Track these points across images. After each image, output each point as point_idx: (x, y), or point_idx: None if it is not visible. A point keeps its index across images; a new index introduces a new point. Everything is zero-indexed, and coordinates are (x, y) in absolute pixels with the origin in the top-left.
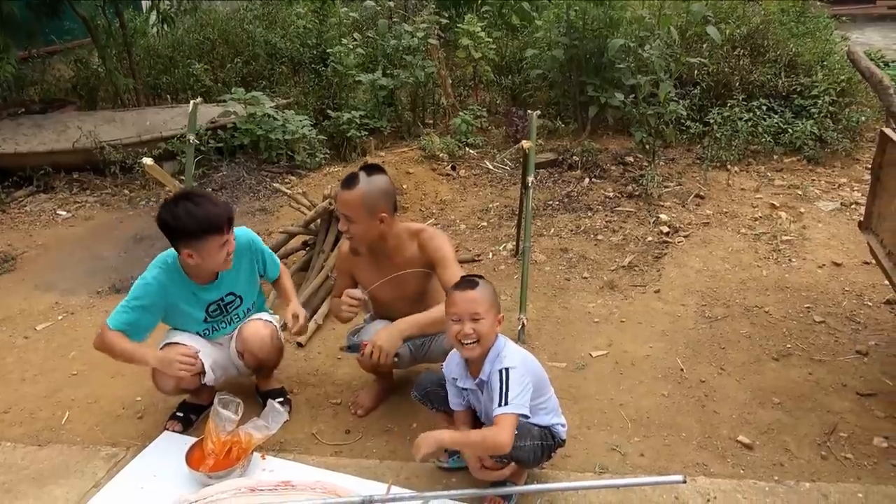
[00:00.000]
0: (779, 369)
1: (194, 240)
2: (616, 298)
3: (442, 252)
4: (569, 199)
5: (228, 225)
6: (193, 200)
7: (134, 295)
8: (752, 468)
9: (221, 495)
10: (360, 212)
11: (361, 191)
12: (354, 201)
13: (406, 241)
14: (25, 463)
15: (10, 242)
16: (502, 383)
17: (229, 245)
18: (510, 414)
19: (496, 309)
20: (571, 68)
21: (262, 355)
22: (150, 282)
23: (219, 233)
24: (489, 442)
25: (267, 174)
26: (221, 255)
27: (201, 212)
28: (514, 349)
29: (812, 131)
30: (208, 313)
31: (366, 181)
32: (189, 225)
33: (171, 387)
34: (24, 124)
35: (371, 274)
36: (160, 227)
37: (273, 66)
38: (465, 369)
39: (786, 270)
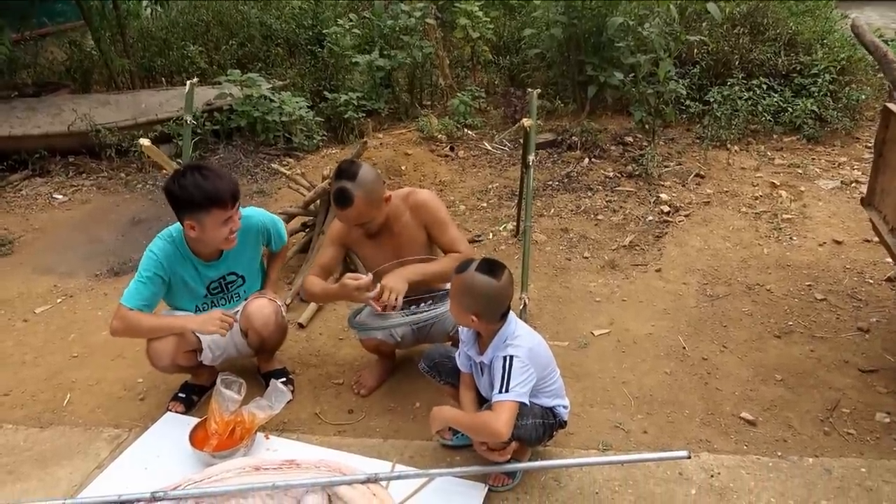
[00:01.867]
0: (781, 347)
1: (197, 211)
2: (617, 278)
3: (436, 215)
4: (568, 180)
5: (233, 201)
6: (202, 172)
7: (142, 268)
8: (756, 444)
9: (226, 474)
10: (370, 212)
11: (361, 195)
12: (361, 210)
13: (399, 207)
14: (28, 445)
15: (6, 226)
16: (504, 370)
17: (233, 223)
18: (509, 401)
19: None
20: (570, 48)
21: (266, 333)
22: (156, 252)
23: (222, 206)
24: (487, 428)
25: (264, 156)
26: (223, 231)
27: (208, 184)
28: (524, 336)
29: (812, 110)
30: (209, 290)
31: (356, 185)
32: (194, 195)
33: (167, 363)
34: (17, 107)
35: (371, 247)
36: (166, 196)
37: (268, 48)
38: (475, 339)
39: (787, 249)
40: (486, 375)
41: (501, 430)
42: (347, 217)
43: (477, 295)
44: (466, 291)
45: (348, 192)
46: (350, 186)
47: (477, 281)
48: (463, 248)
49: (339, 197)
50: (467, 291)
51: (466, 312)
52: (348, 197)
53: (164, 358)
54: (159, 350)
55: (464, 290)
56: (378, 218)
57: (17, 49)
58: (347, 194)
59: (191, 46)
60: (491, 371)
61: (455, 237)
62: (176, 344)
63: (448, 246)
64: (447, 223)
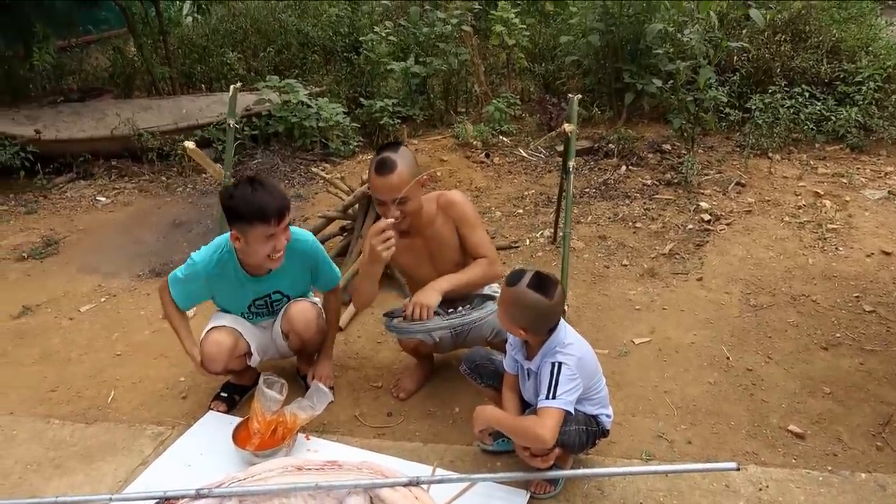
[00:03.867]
0: (828, 359)
1: (242, 223)
2: (657, 286)
3: (465, 213)
4: (606, 187)
5: (278, 218)
6: (253, 185)
7: (184, 272)
8: (805, 458)
9: (269, 473)
10: (411, 186)
11: (403, 165)
12: (403, 179)
13: (431, 209)
14: (74, 440)
15: (52, 227)
16: (552, 377)
17: (276, 240)
18: (555, 408)
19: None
20: (607, 55)
21: (308, 336)
22: (199, 268)
23: (265, 222)
24: (531, 433)
25: (301, 161)
26: (265, 247)
27: (255, 198)
28: (575, 345)
29: (856, 118)
30: (253, 305)
31: (399, 156)
32: (239, 207)
33: (220, 368)
34: (63, 112)
35: (406, 255)
36: (221, 203)
37: (305, 55)
38: (522, 344)
39: (832, 259)
40: (532, 381)
41: (546, 437)
42: (389, 185)
43: (527, 311)
44: (516, 306)
45: (391, 158)
46: (392, 155)
47: (528, 297)
48: (488, 253)
49: (383, 162)
50: (517, 306)
51: (515, 324)
52: (392, 161)
53: (218, 364)
54: (213, 355)
55: (513, 304)
56: (420, 203)
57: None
58: (390, 160)
59: (230, 53)
60: (538, 377)
61: (481, 240)
62: (230, 350)
63: (474, 248)
64: (476, 225)
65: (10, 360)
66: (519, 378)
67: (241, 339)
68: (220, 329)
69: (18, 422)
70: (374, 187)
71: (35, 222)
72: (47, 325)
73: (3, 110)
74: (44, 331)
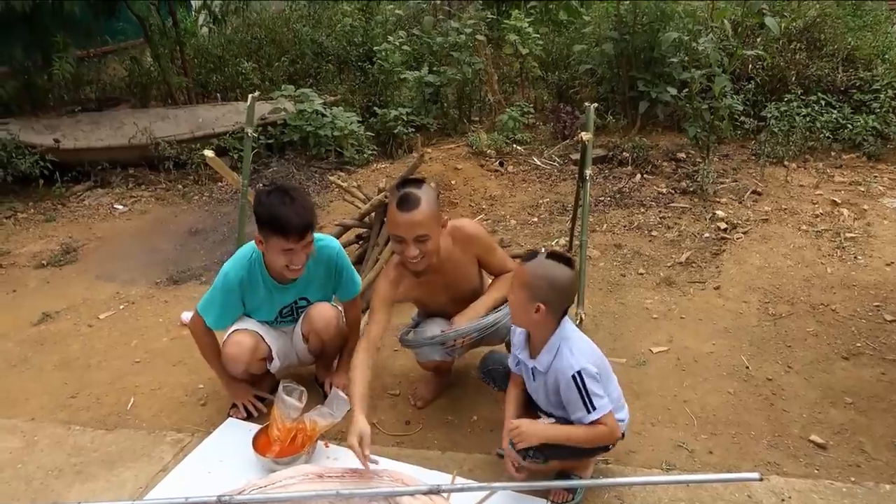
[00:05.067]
0: (849, 368)
1: (264, 231)
2: (674, 294)
3: (487, 244)
4: (620, 195)
5: (298, 236)
6: (283, 197)
7: (221, 287)
8: (827, 468)
9: (290, 480)
10: (433, 224)
11: (426, 202)
12: (427, 217)
13: (448, 244)
14: (95, 446)
15: (70, 234)
16: (580, 390)
17: (294, 255)
18: (605, 415)
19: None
20: (621, 63)
21: (327, 336)
22: (231, 277)
23: (283, 236)
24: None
25: (316, 170)
26: (282, 259)
27: (279, 210)
28: (578, 342)
29: (874, 126)
30: (280, 314)
31: (422, 192)
32: (264, 215)
33: (241, 370)
34: (81, 121)
35: (424, 291)
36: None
37: (319, 65)
38: (526, 341)
39: (851, 268)
40: (541, 382)
41: (615, 431)
42: (411, 222)
43: (549, 281)
44: (537, 277)
45: (415, 194)
46: (416, 191)
47: (549, 267)
48: (511, 266)
49: (406, 198)
50: (538, 277)
51: (532, 302)
52: (415, 197)
53: (239, 365)
54: (235, 356)
55: (534, 276)
56: (436, 241)
57: (81, 66)
58: (414, 195)
59: (245, 63)
60: (557, 387)
61: (502, 258)
62: (251, 351)
63: (498, 268)
64: (495, 248)
65: (30, 367)
66: (525, 377)
67: (262, 341)
68: (241, 331)
69: (40, 428)
70: (395, 224)
71: (54, 230)
72: (67, 331)
73: (23, 120)
74: (63, 338)
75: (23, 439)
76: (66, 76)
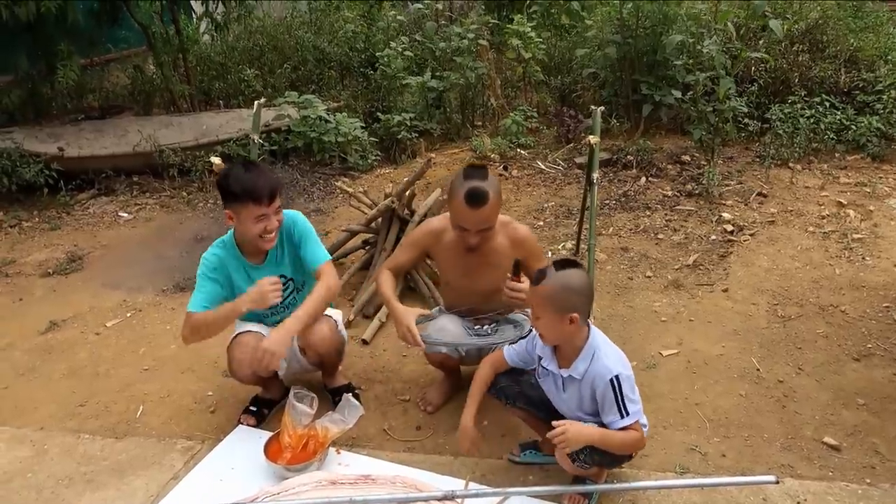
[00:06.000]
0: (860, 370)
1: (235, 202)
2: (682, 297)
3: (535, 250)
4: (626, 199)
5: (269, 198)
6: (247, 167)
7: (199, 272)
8: (841, 470)
9: (303, 487)
10: (497, 213)
11: (493, 195)
12: (494, 210)
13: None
14: (104, 454)
15: (76, 243)
16: (616, 394)
17: (267, 221)
18: (636, 422)
19: (558, 308)
20: (624, 67)
21: (323, 350)
22: (209, 257)
23: (256, 202)
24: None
25: (320, 176)
26: (257, 227)
27: (247, 178)
28: (611, 349)
29: (877, 127)
30: None
31: (489, 185)
32: (231, 186)
33: (247, 373)
34: (85, 129)
35: (453, 258)
36: (217, 184)
37: (321, 71)
38: (553, 353)
39: (860, 269)
40: (575, 390)
41: (643, 437)
42: (482, 218)
43: (572, 290)
44: (559, 291)
45: (484, 189)
46: (485, 185)
47: (566, 277)
48: None
49: (478, 195)
50: (560, 291)
51: (565, 316)
52: (485, 193)
53: (245, 368)
54: (241, 359)
55: (556, 292)
56: (494, 226)
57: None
58: (483, 191)
59: (247, 70)
60: (593, 393)
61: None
62: None
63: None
64: (541, 256)
65: (38, 375)
66: (550, 387)
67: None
68: (245, 333)
69: (49, 436)
70: (465, 220)
71: (59, 238)
72: (74, 340)
73: (27, 128)
74: (71, 346)
75: (32, 448)
76: (69, 84)
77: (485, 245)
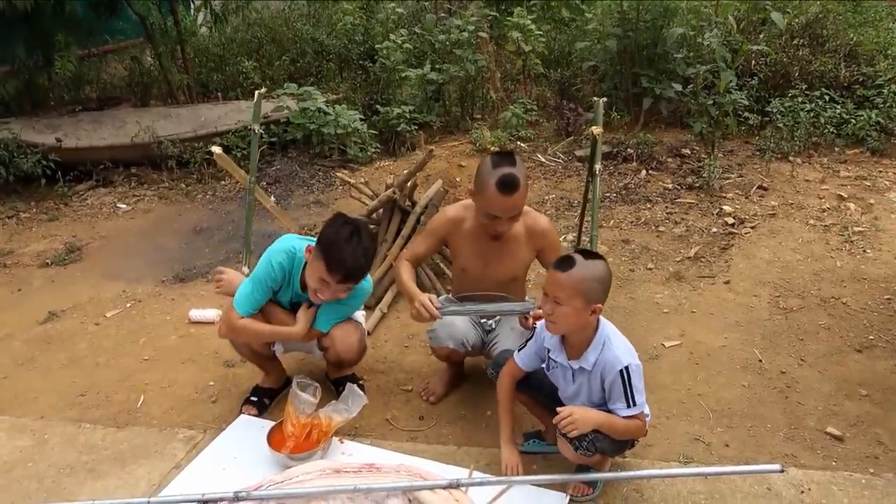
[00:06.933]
0: (863, 361)
1: (317, 250)
2: (684, 289)
3: (555, 243)
4: (626, 191)
5: (340, 278)
6: (351, 234)
7: (259, 272)
8: (845, 460)
9: (307, 476)
10: (525, 195)
11: (523, 180)
12: (524, 195)
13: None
14: (106, 444)
15: (74, 234)
16: (626, 385)
17: (326, 288)
18: (641, 413)
19: (585, 298)
20: (624, 60)
21: (347, 357)
22: (278, 265)
23: (326, 268)
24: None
25: (319, 168)
26: (315, 283)
27: (340, 246)
28: (621, 340)
29: (877, 121)
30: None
31: (519, 171)
32: (323, 240)
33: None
34: (83, 120)
35: (470, 245)
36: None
37: (320, 63)
38: (561, 345)
39: (861, 262)
40: (585, 381)
41: (644, 426)
42: (514, 204)
43: (599, 281)
44: (588, 280)
45: (516, 176)
46: (516, 171)
47: (594, 267)
48: None
49: (510, 182)
50: (589, 280)
51: (589, 305)
52: (517, 180)
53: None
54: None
55: (585, 280)
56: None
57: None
58: (515, 178)
59: (245, 62)
60: (602, 382)
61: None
62: None
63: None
64: (559, 248)
65: (38, 366)
66: (558, 379)
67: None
68: None
69: (49, 426)
70: (497, 207)
71: (57, 229)
72: (74, 330)
73: (24, 119)
74: (70, 336)
75: (33, 437)
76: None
77: (508, 238)
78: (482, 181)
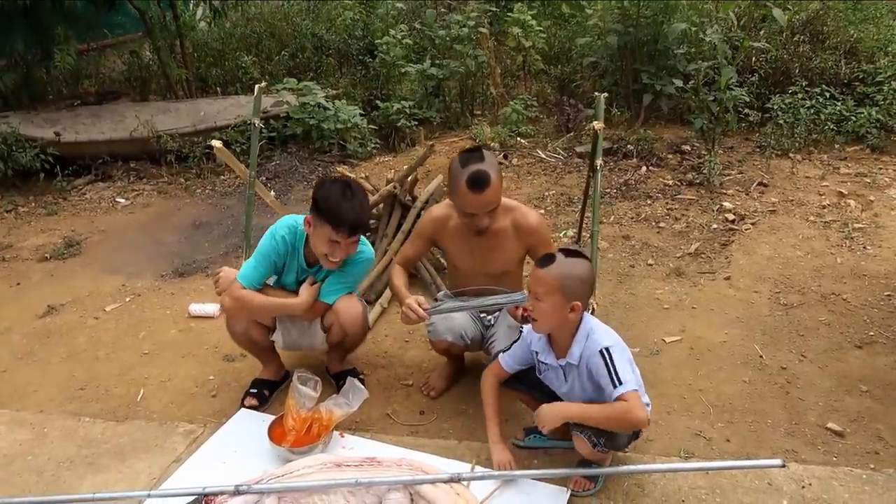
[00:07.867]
0: (863, 357)
1: (317, 215)
2: (684, 285)
3: (545, 239)
4: (626, 187)
5: (348, 232)
6: (345, 190)
7: (261, 247)
8: (846, 456)
9: (307, 469)
10: (500, 192)
11: (495, 175)
12: (496, 190)
13: (500, 214)
14: (106, 437)
15: (73, 228)
16: (608, 364)
17: (337, 248)
18: (629, 391)
19: (564, 294)
20: (624, 56)
21: (351, 330)
22: (281, 238)
23: (333, 226)
24: (629, 418)
25: (319, 163)
26: (323, 248)
27: (338, 202)
28: (603, 328)
29: (877, 118)
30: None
31: (489, 166)
32: (321, 201)
33: (241, 329)
34: (82, 114)
35: (460, 244)
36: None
37: (320, 59)
38: (548, 345)
39: (861, 258)
40: (574, 377)
41: (642, 416)
42: (487, 201)
43: (579, 279)
44: (567, 278)
45: (485, 171)
46: (484, 167)
47: (574, 265)
48: None
49: (479, 179)
50: (568, 278)
51: (568, 303)
52: (486, 175)
53: (239, 323)
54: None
55: (564, 278)
56: (498, 206)
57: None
58: (485, 174)
59: (244, 57)
60: (591, 373)
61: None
62: None
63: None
64: (550, 243)
65: (37, 359)
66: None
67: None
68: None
69: (49, 419)
70: (471, 205)
71: (56, 223)
72: (73, 324)
73: (23, 113)
74: (70, 330)
75: (32, 431)
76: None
77: (492, 226)
78: (454, 182)
